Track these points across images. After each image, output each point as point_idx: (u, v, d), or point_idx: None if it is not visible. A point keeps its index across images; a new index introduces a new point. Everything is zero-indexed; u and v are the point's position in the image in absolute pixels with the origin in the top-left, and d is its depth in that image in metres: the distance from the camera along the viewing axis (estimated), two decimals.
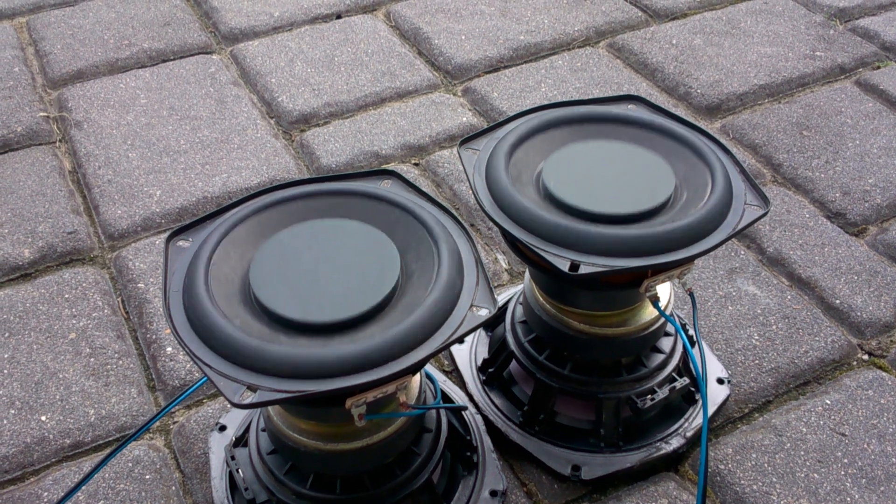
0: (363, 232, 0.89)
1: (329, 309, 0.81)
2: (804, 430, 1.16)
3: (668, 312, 1.02)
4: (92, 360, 1.25)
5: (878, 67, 1.87)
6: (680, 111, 1.76)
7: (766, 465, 1.11)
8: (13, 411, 1.18)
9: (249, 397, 0.75)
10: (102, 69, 1.87)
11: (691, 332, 1.18)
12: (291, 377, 0.75)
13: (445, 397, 1.12)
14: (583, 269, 0.85)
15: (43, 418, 1.17)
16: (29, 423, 1.17)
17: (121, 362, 1.25)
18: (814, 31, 1.98)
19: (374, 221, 0.90)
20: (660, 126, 1.02)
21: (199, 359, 0.76)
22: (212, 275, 0.83)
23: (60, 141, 1.68)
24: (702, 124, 1.72)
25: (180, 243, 0.88)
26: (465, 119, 1.72)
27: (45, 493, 1.09)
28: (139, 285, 1.37)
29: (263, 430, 0.99)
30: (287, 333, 0.80)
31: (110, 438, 1.16)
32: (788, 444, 1.14)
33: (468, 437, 1.08)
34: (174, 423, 1.18)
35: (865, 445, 1.13)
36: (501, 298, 1.24)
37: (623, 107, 1.07)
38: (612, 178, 0.97)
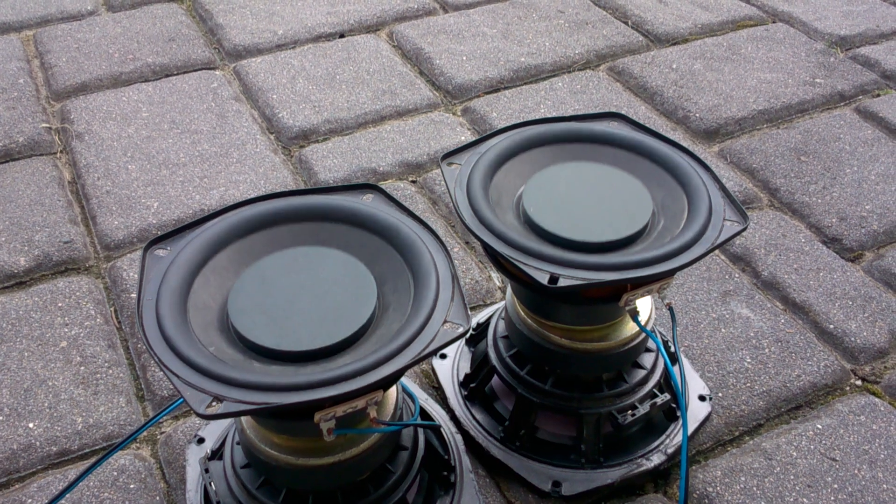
0: (342, 261, 0.89)
1: (303, 338, 0.81)
2: (794, 454, 1.14)
3: (648, 328, 1.02)
4: (82, 368, 1.26)
5: (878, 95, 1.87)
6: (678, 135, 1.76)
7: (754, 488, 1.10)
8: (1, 418, 1.18)
9: (216, 408, 0.75)
10: (106, 82, 1.89)
11: (673, 348, 1.17)
12: (259, 389, 0.75)
13: (424, 415, 1.11)
14: (562, 282, 0.85)
15: (31, 425, 1.18)
16: (16, 429, 1.17)
17: (111, 371, 1.26)
18: (814, 59, 1.98)
19: (353, 239, 0.91)
20: (640, 144, 1.02)
21: (167, 367, 0.76)
22: (190, 300, 0.84)
23: (61, 152, 1.70)
24: (700, 148, 1.72)
25: (158, 252, 0.88)
26: (463, 138, 1.72)
27: (30, 501, 1.09)
28: (132, 296, 1.37)
29: (238, 444, 0.99)
30: (260, 360, 0.81)
31: (97, 447, 1.16)
32: (778, 468, 1.12)
33: (446, 457, 1.06)
34: (161, 433, 1.18)
35: (856, 471, 1.12)
36: (484, 314, 1.24)
37: (605, 124, 1.07)
38: (590, 202, 0.97)
